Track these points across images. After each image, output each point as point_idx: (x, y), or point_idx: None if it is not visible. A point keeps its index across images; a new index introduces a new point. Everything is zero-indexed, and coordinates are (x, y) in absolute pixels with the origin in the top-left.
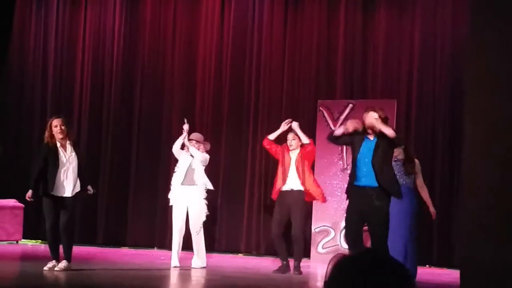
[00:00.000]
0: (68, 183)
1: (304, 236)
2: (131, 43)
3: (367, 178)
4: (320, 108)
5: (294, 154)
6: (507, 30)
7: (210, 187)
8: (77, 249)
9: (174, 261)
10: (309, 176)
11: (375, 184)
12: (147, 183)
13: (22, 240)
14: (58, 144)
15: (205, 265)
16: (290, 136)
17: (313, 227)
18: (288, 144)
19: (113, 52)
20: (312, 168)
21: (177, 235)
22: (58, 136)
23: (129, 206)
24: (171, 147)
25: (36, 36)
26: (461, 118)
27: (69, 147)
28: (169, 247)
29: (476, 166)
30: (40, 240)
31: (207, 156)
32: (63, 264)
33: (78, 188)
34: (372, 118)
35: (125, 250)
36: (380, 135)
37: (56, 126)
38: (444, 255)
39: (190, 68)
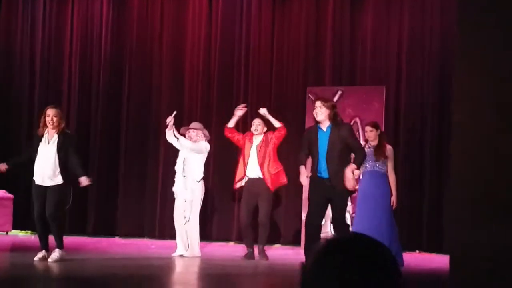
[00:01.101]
0: (47, 172)
1: (270, 223)
2: (119, 35)
3: (327, 171)
4: (309, 95)
5: (257, 140)
6: (495, 17)
7: (197, 178)
8: (67, 239)
9: (179, 250)
10: (270, 162)
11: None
12: (136, 172)
13: (12, 230)
14: (46, 133)
15: (198, 254)
16: (256, 121)
17: (303, 215)
18: (253, 129)
19: (101, 45)
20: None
21: (177, 225)
22: (48, 125)
23: (119, 195)
24: (159, 138)
25: (23, 31)
26: (449, 104)
27: (55, 137)
28: (158, 236)
29: (464, 151)
30: (30, 231)
31: (201, 146)
32: (56, 254)
33: (59, 179)
34: (349, 179)
35: (115, 240)
36: (333, 125)
37: (49, 115)
38: (433, 240)
39: (178, 60)
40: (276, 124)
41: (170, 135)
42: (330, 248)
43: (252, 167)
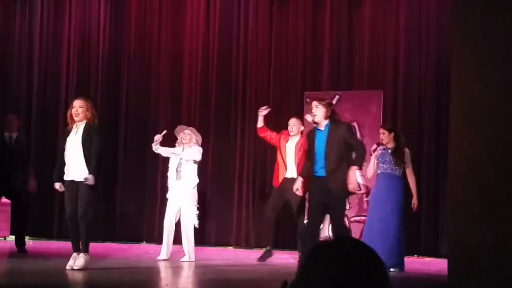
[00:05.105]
0: (73, 167)
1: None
2: (116, 35)
3: (323, 169)
4: (307, 99)
5: (294, 141)
6: (488, 20)
7: (193, 184)
8: (61, 244)
9: (162, 254)
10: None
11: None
12: (135, 176)
13: (10, 236)
14: (75, 127)
15: (194, 259)
16: (291, 122)
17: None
18: (289, 130)
19: (98, 45)
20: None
21: (166, 229)
22: (74, 118)
23: (117, 200)
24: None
25: (21, 32)
26: (447, 106)
27: (80, 128)
28: (158, 241)
29: (461, 153)
30: (28, 236)
31: (196, 152)
32: (81, 260)
33: (85, 174)
34: (352, 181)
35: (113, 245)
36: (331, 124)
37: (74, 107)
38: (431, 244)
39: (176, 61)
40: None
41: (156, 149)
42: (316, 250)
43: (290, 168)
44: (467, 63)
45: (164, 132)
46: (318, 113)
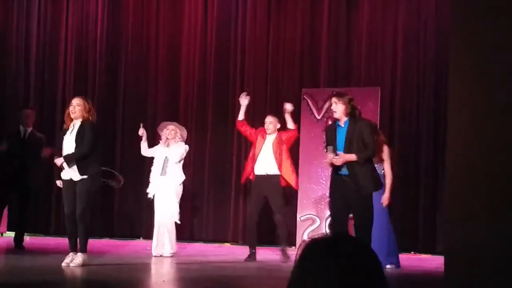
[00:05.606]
0: (69, 166)
1: (286, 220)
2: (114, 32)
3: (345, 168)
4: (304, 96)
5: (271, 138)
6: (488, 19)
7: (179, 181)
8: (60, 240)
9: (157, 251)
10: (286, 160)
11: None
12: (132, 172)
13: (7, 232)
14: (71, 125)
15: (175, 250)
16: (268, 119)
17: (298, 216)
18: (266, 127)
19: (96, 42)
20: (296, 155)
21: (157, 226)
22: (71, 115)
23: (115, 196)
24: (155, 137)
25: (18, 28)
26: (445, 103)
27: (76, 126)
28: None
29: (459, 148)
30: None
31: (182, 152)
32: (78, 259)
33: (83, 172)
34: (329, 157)
35: (111, 241)
36: (351, 119)
37: (72, 105)
38: (428, 241)
39: (174, 57)
40: (290, 125)
41: (145, 150)
42: (313, 248)
43: (261, 164)
44: (466, 62)
45: (141, 125)
46: (337, 110)
